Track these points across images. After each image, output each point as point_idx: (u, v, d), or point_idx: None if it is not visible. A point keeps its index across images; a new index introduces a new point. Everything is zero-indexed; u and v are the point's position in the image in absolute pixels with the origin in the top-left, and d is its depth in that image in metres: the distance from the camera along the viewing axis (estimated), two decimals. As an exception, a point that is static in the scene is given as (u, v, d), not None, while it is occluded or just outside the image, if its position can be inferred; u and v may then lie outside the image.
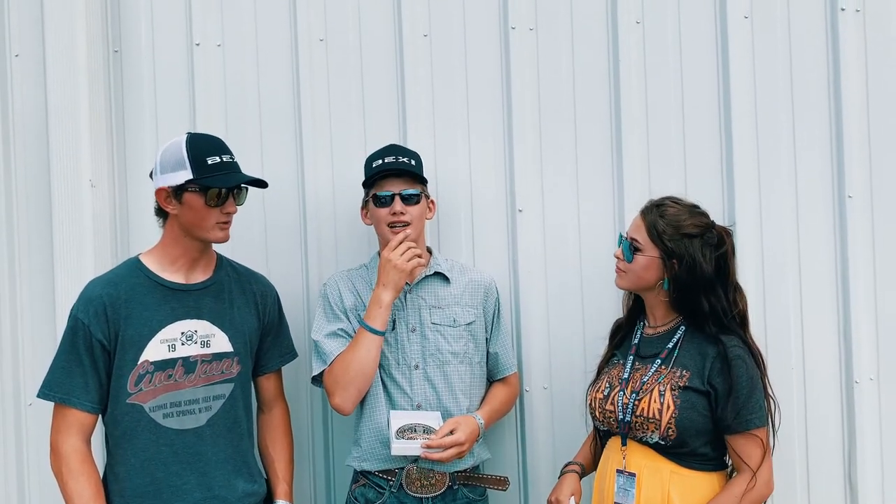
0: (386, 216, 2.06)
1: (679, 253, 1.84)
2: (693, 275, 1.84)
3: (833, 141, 2.45)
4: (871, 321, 2.43)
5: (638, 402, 1.85)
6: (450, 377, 2.09)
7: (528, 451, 2.41)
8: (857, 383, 2.42)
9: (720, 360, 1.82)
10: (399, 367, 2.08)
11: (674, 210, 1.90)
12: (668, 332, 1.93)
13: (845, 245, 2.43)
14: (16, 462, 2.33)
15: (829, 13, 2.45)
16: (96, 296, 1.79)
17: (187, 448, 1.83)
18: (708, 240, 1.87)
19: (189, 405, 1.85)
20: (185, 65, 2.38)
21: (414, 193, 2.09)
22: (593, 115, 2.44)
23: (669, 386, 1.83)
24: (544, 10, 2.44)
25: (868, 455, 2.42)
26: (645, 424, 1.83)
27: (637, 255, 1.90)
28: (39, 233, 2.30)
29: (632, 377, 1.92)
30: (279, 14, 2.40)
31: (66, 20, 2.26)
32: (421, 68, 2.41)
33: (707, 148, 2.45)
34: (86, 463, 1.78)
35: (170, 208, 1.84)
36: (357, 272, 2.21)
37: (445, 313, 2.13)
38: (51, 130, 2.26)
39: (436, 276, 2.17)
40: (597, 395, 1.98)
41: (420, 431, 1.99)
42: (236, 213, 1.90)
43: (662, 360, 1.89)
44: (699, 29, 2.45)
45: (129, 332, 1.79)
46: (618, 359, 2.03)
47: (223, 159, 1.83)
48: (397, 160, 2.08)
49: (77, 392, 1.77)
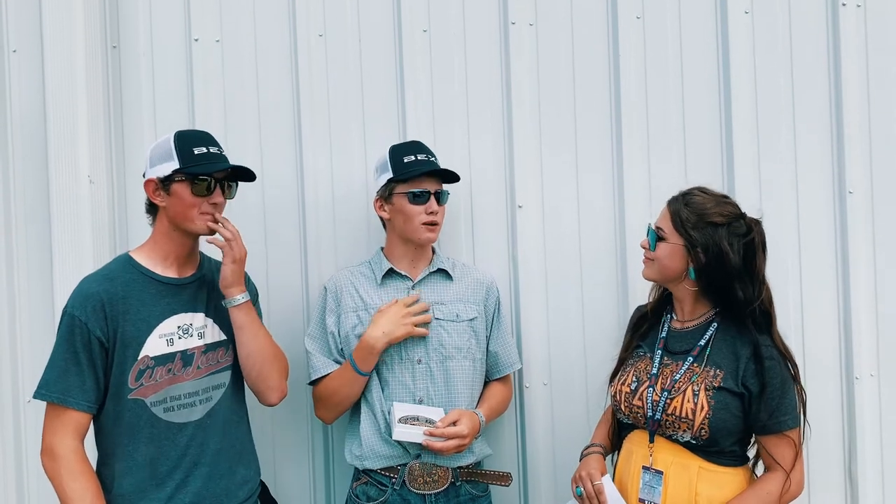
0: (420, 214, 2.09)
1: (704, 242, 1.80)
2: (721, 265, 1.79)
3: (834, 136, 2.45)
4: (871, 317, 2.44)
5: (670, 400, 1.81)
6: (452, 372, 2.10)
7: (528, 447, 2.41)
8: (857, 379, 2.42)
9: (754, 361, 1.78)
10: (402, 362, 2.08)
11: (700, 199, 1.85)
12: (698, 327, 1.89)
13: (846, 240, 2.43)
14: (14, 459, 2.33)
15: (829, 8, 2.46)
16: (93, 293, 1.77)
17: (189, 440, 1.84)
18: (735, 229, 1.81)
19: (189, 398, 1.85)
20: (184, 60, 2.37)
21: (445, 193, 2.15)
22: (593, 110, 2.44)
23: (703, 386, 1.79)
24: (544, 5, 2.44)
25: (868, 450, 2.43)
26: (676, 423, 1.80)
27: (660, 243, 1.87)
28: (38, 229, 2.29)
29: (661, 373, 1.87)
30: (278, 9, 2.40)
31: (64, 15, 2.25)
32: (420, 63, 2.41)
33: (707, 143, 2.44)
34: (84, 463, 1.76)
35: (158, 200, 1.84)
36: (359, 269, 2.21)
37: (449, 309, 2.14)
38: (49, 126, 2.26)
39: (439, 272, 2.19)
40: (623, 388, 1.93)
41: (423, 421, 2.00)
42: (225, 205, 1.89)
43: (695, 358, 1.84)
44: (700, 24, 2.45)
45: (127, 328, 1.78)
46: (644, 351, 1.97)
47: (210, 150, 1.83)
48: (429, 159, 2.11)
49: (74, 391, 1.74)
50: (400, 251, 2.17)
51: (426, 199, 2.09)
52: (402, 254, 2.17)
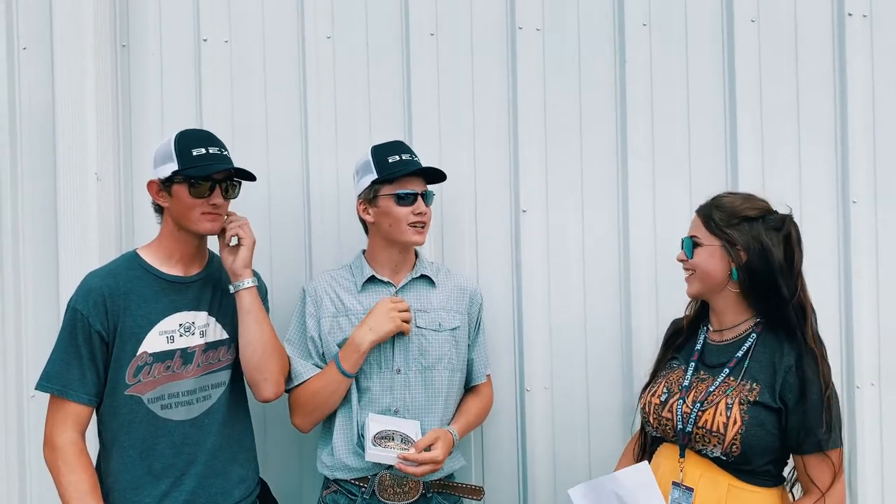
0: (408, 215, 2.02)
1: (744, 240, 1.74)
2: (765, 260, 1.72)
3: (838, 146, 2.46)
4: (873, 326, 2.44)
5: (701, 412, 1.73)
6: (432, 383, 2.04)
7: (528, 451, 2.41)
8: (858, 388, 2.42)
9: (794, 375, 1.70)
10: (381, 371, 2.03)
11: (728, 199, 1.81)
12: (737, 339, 1.81)
13: (849, 249, 2.43)
14: (17, 452, 2.34)
15: (835, 18, 2.46)
16: (95, 287, 1.80)
17: (186, 439, 1.84)
18: (770, 223, 1.75)
19: (187, 395, 1.85)
20: (193, 60, 2.38)
21: (430, 194, 2.09)
22: (599, 116, 2.45)
23: (738, 399, 1.71)
24: (551, 11, 2.45)
25: (868, 459, 2.43)
26: (707, 437, 1.72)
27: (697, 249, 1.81)
28: (44, 225, 2.31)
29: (694, 386, 1.80)
30: (286, 11, 2.41)
31: (74, 14, 2.27)
32: (427, 67, 2.42)
33: (712, 150, 2.45)
34: (82, 456, 1.77)
35: (161, 201, 1.86)
36: (339, 273, 2.16)
37: (431, 317, 2.08)
38: (57, 123, 2.27)
39: (421, 278, 2.13)
40: (652, 400, 1.87)
41: (398, 441, 1.95)
42: (228, 205, 1.89)
43: (731, 371, 1.77)
44: (706, 32, 2.46)
45: (128, 323, 1.79)
46: (678, 363, 1.90)
47: (209, 151, 1.83)
48: (413, 158, 2.04)
49: (74, 384, 1.76)
50: (383, 256, 2.10)
51: (413, 199, 2.02)
52: (386, 258, 2.10)
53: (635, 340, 2.41)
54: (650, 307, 2.41)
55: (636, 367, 2.37)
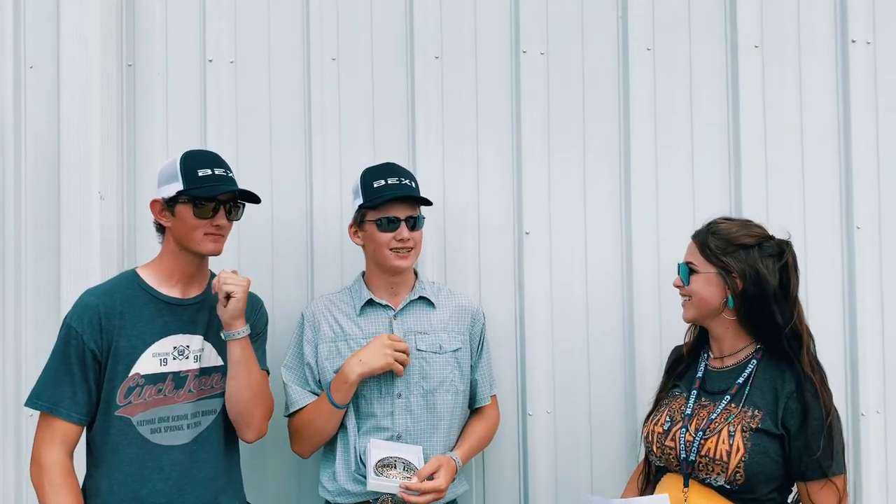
0: (390, 241, 2.00)
1: (739, 268, 1.74)
2: (759, 288, 1.72)
3: (842, 171, 2.46)
4: (877, 353, 2.42)
5: (704, 441, 1.72)
6: (434, 406, 2.03)
7: (530, 474, 2.39)
8: (863, 415, 2.40)
9: (795, 401, 1.69)
10: (381, 397, 2.01)
11: (725, 225, 1.81)
12: (737, 365, 1.80)
13: (853, 275, 2.42)
14: (14, 468, 2.32)
15: (839, 45, 2.47)
16: (91, 305, 1.78)
17: (174, 465, 1.81)
18: (767, 250, 1.76)
19: (177, 420, 1.83)
20: (198, 81, 2.39)
21: (419, 218, 2.06)
22: (602, 138, 2.45)
23: (740, 427, 1.69)
24: (555, 35, 2.46)
25: (874, 487, 2.40)
26: (710, 466, 1.70)
27: (694, 276, 1.81)
28: (48, 243, 2.30)
29: (696, 413, 1.79)
30: (292, 33, 2.42)
31: (81, 33, 2.28)
32: (432, 90, 2.42)
33: (715, 175, 2.45)
34: (68, 476, 1.74)
35: (164, 220, 1.85)
36: (338, 296, 2.15)
37: (431, 339, 2.06)
38: (62, 142, 2.28)
39: (420, 300, 2.11)
40: (655, 429, 1.85)
41: (400, 468, 1.93)
42: (231, 227, 1.89)
43: (732, 397, 1.76)
44: (709, 57, 2.47)
45: (122, 343, 1.78)
46: (680, 391, 1.89)
47: (215, 172, 1.82)
48: (401, 182, 2.01)
49: (65, 402, 1.74)
50: (378, 279, 2.09)
51: (396, 226, 1.99)
52: (381, 281, 2.09)
53: (638, 364, 2.39)
54: (653, 330, 2.40)
55: (639, 391, 2.35)
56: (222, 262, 2.25)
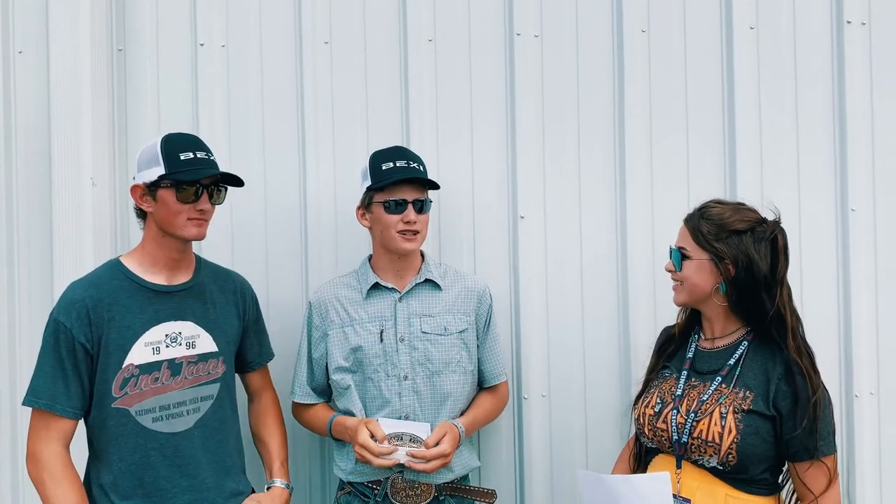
0: (397, 223, 2.02)
1: (732, 254, 1.72)
2: (752, 274, 1.71)
3: (837, 153, 2.45)
4: (871, 335, 2.43)
5: (696, 423, 1.72)
6: (440, 387, 2.05)
7: (525, 458, 2.40)
8: (856, 397, 2.41)
9: (785, 383, 1.69)
10: (388, 379, 2.04)
11: (717, 210, 1.78)
12: (728, 347, 1.80)
13: (847, 257, 2.42)
14: (10, 463, 2.32)
15: (834, 25, 2.46)
16: (78, 299, 1.75)
17: (176, 451, 1.81)
18: (760, 234, 1.73)
19: (177, 408, 1.83)
20: (189, 65, 2.37)
21: (427, 201, 2.07)
22: (597, 121, 2.44)
23: (732, 408, 1.70)
24: (549, 17, 2.44)
25: (867, 469, 2.42)
26: (702, 447, 1.70)
27: (686, 261, 1.80)
28: (39, 230, 2.29)
29: (686, 394, 1.79)
30: (284, 16, 2.40)
31: (70, 18, 2.26)
32: (425, 73, 2.41)
33: (710, 157, 2.44)
34: (67, 468, 1.74)
35: (145, 206, 1.82)
36: (344, 280, 2.16)
37: (436, 321, 2.08)
38: (53, 128, 2.26)
39: (427, 283, 2.13)
40: (646, 411, 1.84)
41: (406, 440, 1.96)
42: (213, 211, 1.86)
43: (723, 378, 1.75)
44: (704, 39, 2.45)
45: (112, 335, 1.76)
46: (670, 372, 1.89)
47: (196, 155, 1.80)
48: (409, 165, 2.02)
49: (61, 398, 1.73)
50: (384, 261, 2.11)
51: (403, 208, 2.01)
52: (387, 264, 2.10)
53: (633, 347, 2.39)
54: (648, 312, 2.40)
55: (634, 373, 2.36)
56: (216, 246, 2.27)
